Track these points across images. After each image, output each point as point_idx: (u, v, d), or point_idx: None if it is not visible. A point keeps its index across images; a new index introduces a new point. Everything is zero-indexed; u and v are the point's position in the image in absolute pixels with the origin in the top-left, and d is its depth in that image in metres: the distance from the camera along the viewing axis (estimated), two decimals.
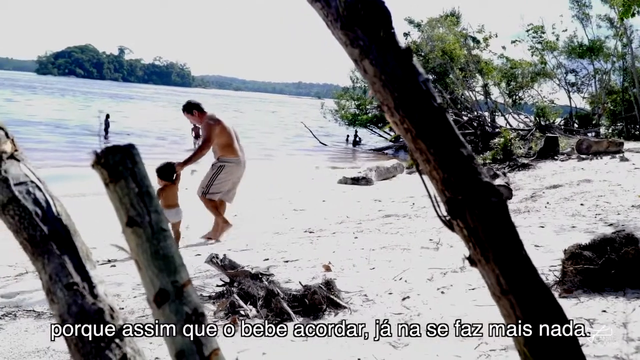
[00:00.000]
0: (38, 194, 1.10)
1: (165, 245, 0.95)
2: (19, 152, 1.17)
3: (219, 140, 6.47)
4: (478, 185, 1.28)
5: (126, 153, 0.96)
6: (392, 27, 1.33)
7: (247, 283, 3.50)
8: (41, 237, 1.05)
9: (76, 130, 26.82)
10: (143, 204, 0.95)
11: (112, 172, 0.94)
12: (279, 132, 38.83)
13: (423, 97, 1.31)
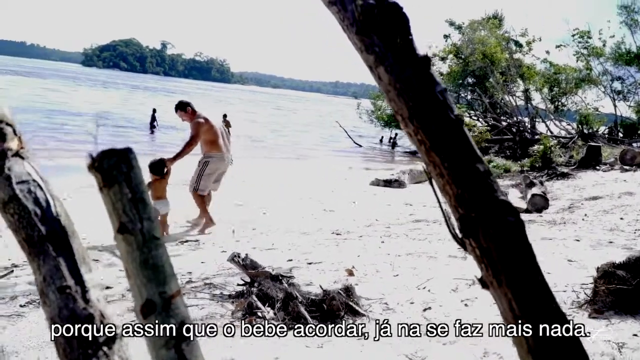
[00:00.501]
0: (39, 193, 1.08)
1: (156, 254, 0.92)
2: (24, 149, 1.16)
3: (205, 137, 6.98)
4: (493, 203, 1.22)
5: (122, 157, 0.93)
6: (410, 34, 1.27)
7: (266, 284, 3.47)
8: (38, 238, 1.03)
9: (120, 122, 27.35)
10: (136, 211, 0.92)
11: (106, 177, 0.91)
12: (315, 131, 38.86)
13: (439, 108, 1.24)
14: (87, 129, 15.89)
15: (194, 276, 4.43)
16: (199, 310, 3.41)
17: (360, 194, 12.75)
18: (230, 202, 9.87)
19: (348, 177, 17.14)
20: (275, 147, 25.38)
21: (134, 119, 27.92)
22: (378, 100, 32.93)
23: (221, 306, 3.50)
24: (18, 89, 43.12)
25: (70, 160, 15.91)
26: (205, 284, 4.04)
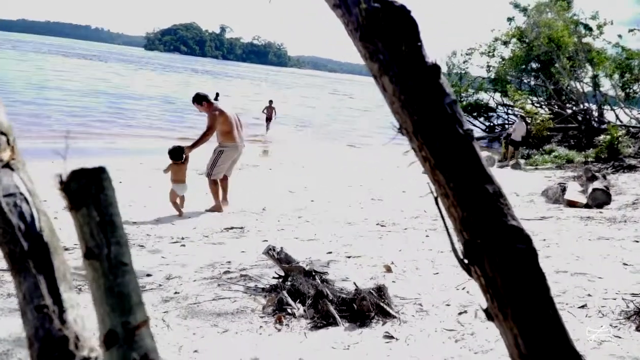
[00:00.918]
0: (25, 207, 1.06)
1: (123, 281, 0.88)
2: (16, 160, 1.14)
3: (220, 127, 7.41)
4: (502, 229, 1.11)
5: (92, 178, 0.89)
6: (418, 40, 1.17)
7: (299, 280, 3.44)
8: (20, 254, 1.02)
9: (181, 107, 27.92)
10: (103, 235, 0.88)
11: (73, 199, 0.87)
12: (370, 116, 38.52)
13: (447, 122, 1.14)
14: (56, 149, 16.29)
15: (233, 266, 4.46)
16: (231, 304, 3.42)
17: (412, 182, 12.50)
18: (284, 189, 9.93)
19: (401, 164, 16.89)
20: (329, 132, 25.33)
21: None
22: None
23: (253, 300, 3.50)
24: (83, 72, 44.86)
25: (130, 143, 16.45)
26: (241, 276, 4.05)
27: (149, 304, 3.36)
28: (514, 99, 24.47)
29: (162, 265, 4.38)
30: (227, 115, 7.44)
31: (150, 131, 19.10)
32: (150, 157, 14.14)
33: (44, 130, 16.01)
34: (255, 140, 19.17)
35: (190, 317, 3.17)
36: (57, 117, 18.92)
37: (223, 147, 7.54)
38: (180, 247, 5.21)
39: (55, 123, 17.63)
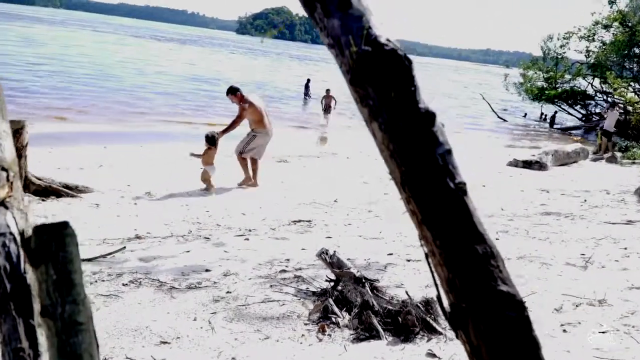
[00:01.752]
0: (12, 248, 1.11)
1: (75, 341, 0.89)
2: (12, 197, 1.19)
3: (251, 117, 8.51)
4: (490, 294, 1.02)
5: (55, 234, 0.91)
6: (412, 85, 1.10)
7: (348, 287, 3.41)
8: (2, 295, 1.06)
9: (271, 92, 28.42)
10: (59, 294, 0.90)
11: (32, 256, 0.90)
12: (455, 103, 37.42)
13: (437, 174, 1.06)
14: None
15: (290, 264, 4.50)
16: (279, 307, 3.46)
17: (494, 175, 12.06)
18: (359, 179, 9.90)
19: (484, 155, 16.30)
20: None
21: (286, 89, 28.80)
22: (529, 71, 30.74)
23: (302, 304, 3.51)
24: (176, 55, 46.77)
25: (212, 128, 16.97)
26: (295, 276, 4.08)
27: (199, 303, 3.47)
28: (614, 86, 22.89)
29: (222, 260, 4.49)
30: (256, 106, 8.51)
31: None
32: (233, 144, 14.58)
33: (133, 114, 16.88)
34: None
35: (236, 320, 3.23)
36: (154, 100, 19.83)
37: (256, 133, 8.61)
38: (244, 240, 5.32)
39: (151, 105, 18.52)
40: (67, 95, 18.82)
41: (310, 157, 13.45)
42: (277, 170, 10.94)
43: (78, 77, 23.41)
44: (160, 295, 3.58)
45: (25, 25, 64.01)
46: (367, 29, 1.10)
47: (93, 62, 31.05)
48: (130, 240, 5.32)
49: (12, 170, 1.23)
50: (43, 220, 0.95)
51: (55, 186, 7.14)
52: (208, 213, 6.91)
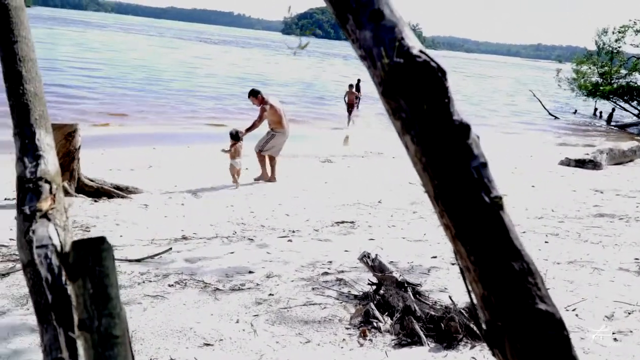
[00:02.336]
0: (54, 259, 1.15)
1: (111, 354, 0.92)
2: (55, 208, 1.23)
3: (271, 117, 9.16)
4: (527, 312, 0.99)
5: (92, 249, 0.93)
6: (446, 96, 1.07)
7: (390, 291, 3.38)
8: (44, 306, 1.10)
9: (321, 92, 28.54)
10: (95, 307, 0.92)
11: (70, 271, 0.92)
12: (505, 99, 36.60)
13: (472, 188, 1.04)
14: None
15: (333, 267, 4.50)
16: (321, 311, 3.46)
17: (545, 175, 11.74)
18: (404, 179, 9.82)
19: (535, 154, 15.89)
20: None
21: (335, 89, 28.80)
22: (582, 66, 29.79)
23: (343, 308, 3.50)
24: (224, 57, 47.53)
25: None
26: (337, 279, 4.07)
27: (242, 305, 3.52)
28: None
29: (265, 262, 4.54)
30: (275, 108, 9.19)
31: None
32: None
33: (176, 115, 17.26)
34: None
35: (278, 322, 3.26)
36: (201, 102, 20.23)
37: (275, 132, 9.24)
38: (287, 242, 5.36)
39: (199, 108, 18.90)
40: (119, 98, 19.43)
41: (354, 157, 13.43)
42: (321, 170, 10.98)
43: (130, 81, 24.13)
44: (204, 297, 3.64)
45: (78, 30, 66.43)
46: (399, 41, 1.09)
47: (144, 65, 31.95)
48: (177, 240, 5.45)
49: (55, 182, 1.28)
50: (81, 235, 0.98)
51: (106, 187, 7.38)
52: (252, 214, 7.00)
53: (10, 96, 1.44)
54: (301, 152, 13.67)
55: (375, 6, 1.12)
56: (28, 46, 1.51)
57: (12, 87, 1.44)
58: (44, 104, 1.44)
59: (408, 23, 1.22)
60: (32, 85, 1.42)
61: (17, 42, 1.53)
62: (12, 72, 1.45)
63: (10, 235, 5.41)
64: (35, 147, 1.31)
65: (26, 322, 3.13)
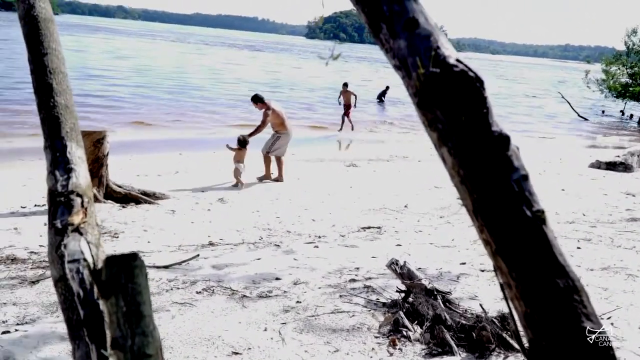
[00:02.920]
0: (85, 274, 1.14)
1: None
2: (87, 222, 1.22)
3: (274, 121, 9.68)
4: (573, 331, 0.95)
5: (124, 266, 0.92)
6: (484, 107, 1.04)
7: (419, 299, 3.33)
8: (76, 322, 1.09)
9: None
10: (128, 326, 0.91)
11: (102, 288, 0.91)
12: (532, 102, 36.03)
13: (513, 202, 1.00)
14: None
15: (360, 273, 4.46)
16: (349, 318, 3.42)
17: (574, 178, 11.50)
18: (430, 183, 9.72)
19: (564, 156, 15.59)
20: None
21: (361, 94, 28.73)
22: (611, 67, 29.23)
23: (372, 316, 3.46)
24: (251, 62, 47.84)
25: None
26: (365, 286, 4.03)
27: (269, 313, 3.50)
28: None
29: (292, 269, 4.52)
30: (277, 112, 9.73)
31: (306, 122, 19.76)
32: (304, 148, 14.74)
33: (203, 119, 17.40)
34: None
35: (306, 331, 3.23)
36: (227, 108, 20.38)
37: (279, 134, 9.77)
38: (314, 248, 5.33)
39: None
40: (146, 104, 19.69)
41: (380, 161, 13.35)
42: (346, 175, 10.93)
43: (157, 87, 24.42)
44: (232, 304, 3.63)
45: (107, 37, 67.61)
46: (435, 50, 1.05)
47: (172, 71, 32.33)
48: (203, 246, 5.46)
49: (86, 196, 1.27)
50: (112, 251, 0.96)
51: (134, 193, 7.45)
52: (278, 219, 6.99)
53: (41, 109, 1.44)
54: (326, 156, 13.67)
55: (410, 14, 1.09)
56: (58, 58, 1.52)
57: (42, 99, 1.45)
58: (75, 117, 1.45)
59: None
60: (62, 97, 1.43)
61: (47, 54, 1.53)
62: (43, 84, 1.46)
63: (39, 241, 5.51)
64: (67, 160, 1.31)
65: (56, 330, 3.15)
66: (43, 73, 1.46)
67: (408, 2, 1.11)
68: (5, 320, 3.43)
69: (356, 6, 1.17)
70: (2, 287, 4.02)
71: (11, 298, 3.80)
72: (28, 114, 15.56)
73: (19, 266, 4.66)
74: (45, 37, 1.52)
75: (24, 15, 1.66)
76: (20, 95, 18.51)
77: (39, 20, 1.59)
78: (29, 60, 1.54)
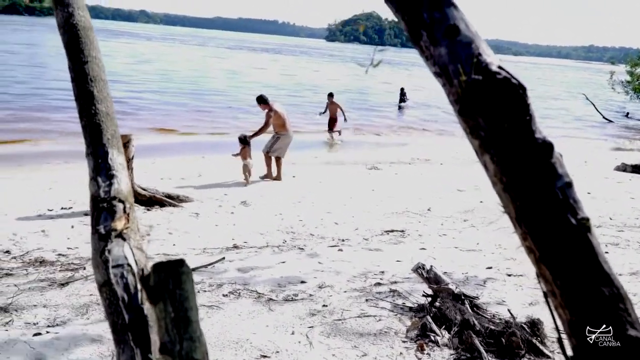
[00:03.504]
0: (130, 279, 1.16)
1: None
2: (129, 228, 1.25)
3: (275, 122, 10.02)
4: (619, 340, 0.94)
5: (171, 272, 0.94)
6: (527, 114, 1.03)
7: (447, 303, 3.31)
8: (121, 326, 1.11)
9: (370, 100, 28.53)
10: (177, 331, 0.92)
11: (150, 293, 0.93)
12: (555, 104, 35.57)
13: (557, 210, 0.99)
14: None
15: (385, 277, 4.45)
16: (376, 323, 3.42)
17: (600, 181, 11.33)
18: (453, 187, 9.66)
19: (589, 159, 15.37)
20: None
21: (387, 96, 28.70)
22: (636, 68, 28.75)
23: (399, 320, 3.45)
24: (273, 66, 48.07)
25: (304, 136, 17.26)
26: (391, 290, 4.02)
27: (296, 316, 3.51)
28: None
29: (317, 272, 4.53)
30: (279, 113, 10.05)
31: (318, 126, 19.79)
32: (316, 151, 14.76)
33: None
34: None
35: (333, 334, 3.24)
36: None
37: (279, 135, 10.10)
38: (338, 251, 5.34)
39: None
40: (169, 108, 19.89)
41: (401, 164, 13.31)
42: (368, 177, 10.92)
43: (180, 91, 24.66)
44: (258, 307, 3.66)
45: (130, 42, 68.52)
46: (476, 57, 1.05)
47: (194, 75, 32.65)
48: (228, 249, 5.50)
49: (128, 202, 1.30)
50: (162, 257, 0.98)
51: (158, 196, 7.54)
52: (302, 222, 7.01)
53: (83, 116, 1.47)
54: (348, 159, 13.67)
55: (451, 21, 1.10)
56: (99, 66, 1.55)
57: (84, 107, 1.48)
58: (116, 124, 1.48)
59: None
60: (103, 105, 1.46)
61: (88, 62, 1.56)
62: (84, 92, 1.49)
63: (67, 244, 5.61)
64: (109, 166, 1.33)
65: (87, 332, 3.20)
66: (84, 81, 1.49)
67: (449, 9, 1.11)
68: (36, 323, 3.49)
69: (396, 14, 1.18)
70: (32, 290, 4.09)
71: (41, 300, 3.87)
72: (54, 118, 15.87)
73: (48, 268, 4.75)
74: (85, 45, 1.56)
75: (63, 24, 1.70)
76: (44, 100, 18.87)
77: (78, 28, 1.62)
78: (69, 68, 1.57)
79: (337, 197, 8.61)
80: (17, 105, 17.87)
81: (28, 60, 32.35)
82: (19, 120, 15.65)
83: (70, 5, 1.62)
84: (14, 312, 3.63)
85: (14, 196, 7.71)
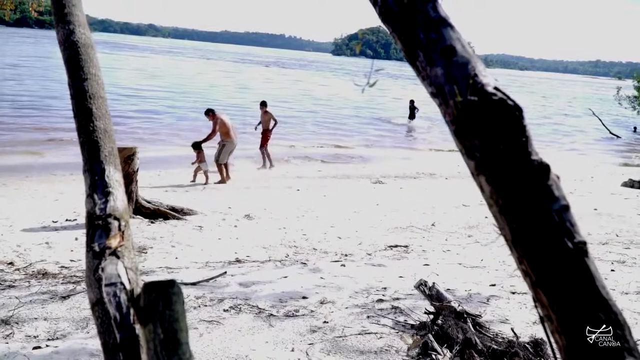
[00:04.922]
0: (122, 298, 1.15)
1: None
2: (124, 245, 1.24)
3: (221, 129, 11.52)
4: None
5: (162, 292, 0.93)
6: (523, 135, 1.02)
7: (449, 322, 3.27)
8: (112, 346, 1.10)
9: (377, 113, 28.62)
10: (166, 353, 0.91)
11: (140, 314, 0.92)
12: (561, 119, 35.52)
13: (553, 233, 0.98)
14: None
15: (387, 293, 4.41)
16: (377, 340, 3.38)
17: (607, 197, 11.25)
18: (458, 202, 9.62)
19: (596, 175, 15.30)
20: None
21: (399, 110, 28.78)
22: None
23: (400, 338, 3.42)
24: (282, 80, 48.31)
25: (311, 150, 17.31)
26: (393, 307, 3.99)
27: (296, 332, 3.48)
28: None
29: (319, 287, 4.50)
30: (225, 122, 11.57)
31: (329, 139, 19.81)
32: (320, 165, 14.78)
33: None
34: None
35: (333, 352, 3.21)
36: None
37: (224, 142, 11.55)
38: (341, 266, 5.31)
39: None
40: (175, 121, 20.00)
41: (406, 178, 13.30)
42: (372, 192, 10.90)
43: (187, 105, 24.79)
44: (259, 323, 3.63)
45: (138, 55, 69.12)
46: (472, 78, 1.05)
47: (201, 88, 32.85)
48: (230, 263, 5.48)
49: (123, 219, 1.29)
50: (152, 278, 0.97)
51: (162, 209, 7.55)
52: (305, 236, 6.99)
53: (81, 133, 1.48)
54: (353, 173, 13.67)
55: (447, 42, 1.09)
56: (98, 84, 1.56)
57: (82, 123, 1.48)
58: (114, 141, 1.48)
59: None
60: (102, 122, 1.46)
61: (87, 79, 1.57)
62: (83, 109, 1.50)
63: (70, 256, 5.61)
64: (105, 183, 1.33)
65: (86, 346, 3.19)
66: (83, 98, 1.50)
67: (445, 30, 1.11)
68: (36, 335, 3.48)
69: (392, 34, 1.18)
70: (34, 302, 4.08)
71: (42, 313, 3.86)
72: (60, 130, 15.97)
73: (50, 281, 4.74)
74: (85, 62, 1.57)
75: (64, 41, 1.71)
76: (51, 113, 19.01)
77: (79, 45, 1.63)
78: (69, 84, 1.58)
79: (341, 212, 8.59)
80: (25, 116, 18.03)
81: (37, 73, 32.67)
82: (27, 131, 15.79)
83: (72, 22, 1.63)
84: (15, 325, 3.63)
85: (20, 207, 7.74)
